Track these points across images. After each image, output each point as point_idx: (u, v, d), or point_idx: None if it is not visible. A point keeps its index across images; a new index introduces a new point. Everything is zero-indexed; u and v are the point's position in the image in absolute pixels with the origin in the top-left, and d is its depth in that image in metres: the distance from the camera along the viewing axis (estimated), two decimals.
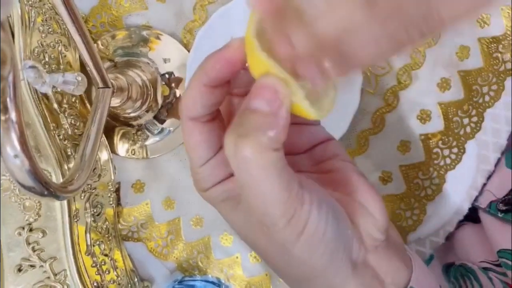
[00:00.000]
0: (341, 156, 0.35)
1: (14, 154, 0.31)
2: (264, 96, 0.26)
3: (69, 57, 0.55)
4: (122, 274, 0.57)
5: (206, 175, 0.32)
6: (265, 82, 0.26)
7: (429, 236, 0.56)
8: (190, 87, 0.30)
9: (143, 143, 0.59)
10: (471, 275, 0.51)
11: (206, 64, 0.30)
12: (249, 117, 0.26)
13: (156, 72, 0.58)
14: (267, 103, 0.26)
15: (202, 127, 0.31)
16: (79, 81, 0.45)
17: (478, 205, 0.54)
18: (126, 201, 0.60)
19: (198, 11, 0.58)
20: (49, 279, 0.52)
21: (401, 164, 0.56)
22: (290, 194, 0.27)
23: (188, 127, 0.31)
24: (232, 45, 0.29)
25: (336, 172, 0.34)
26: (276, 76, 0.26)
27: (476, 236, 0.55)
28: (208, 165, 0.32)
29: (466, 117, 0.54)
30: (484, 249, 0.53)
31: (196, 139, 0.31)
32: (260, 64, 0.27)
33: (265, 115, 0.26)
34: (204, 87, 0.30)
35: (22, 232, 0.51)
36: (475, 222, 0.56)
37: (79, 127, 0.54)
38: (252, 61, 0.28)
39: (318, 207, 0.28)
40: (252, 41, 0.26)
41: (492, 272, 0.51)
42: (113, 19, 0.59)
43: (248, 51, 0.28)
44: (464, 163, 0.55)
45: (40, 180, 0.34)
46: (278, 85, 0.26)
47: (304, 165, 0.36)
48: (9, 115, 0.31)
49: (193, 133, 0.31)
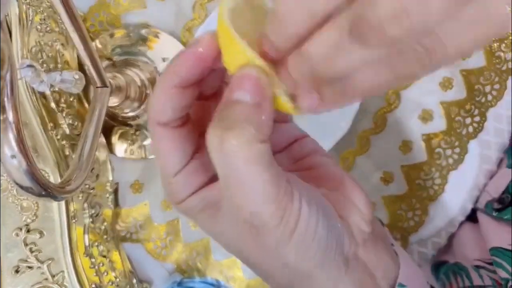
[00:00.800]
0: (319, 151, 0.35)
1: (12, 154, 0.31)
2: (247, 86, 0.25)
3: (67, 56, 0.55)
4: (121, 276, 0.57)
5: (180, 185, 0.30)
6: (247, 72, 0.25)
7: (431, 237, 0.56)
8: (158, 89, 0.28)
9: (142, 143, 0.59)
10: (463, 272, 0.51)
11: (175, 63, 0.28)
12: (232, 109, 0.25)
13: (155, 71, 0.58)
14: (250, 93, 0.25)
15: (173, 132, 0.29)
16: (77, 80, 0.44)
17: (477, 205, 0.54)
18: (125, 202, 0.60)
19: (198, 10, 0.58)
20: (47, 280, 0.51)
21: (402, 164, 0.56)
22: (279, 190, 0.26)
23: (158, 134, 0.29)
24: (203, 39, 0.27)
25: (317, 168, 0.34)
26: (258, 66, 0.25)
27: (473, 235, 0.55)
28: (183, 173, 0.30)
29: (469, 117, 0.54)
30: (480, 249, 0.53)
31: (167, 146, 0.29)
32: (239, 55, 0.25)
33: (249, 106, 0.25)
34: (174, 88, 0.28)
35: (19, 233, 0.51)
36: (473, 221, 0.56)
37: (77, 127, 0.54)
38: (228, 52, 0.26)
39: (308, 203, 0.27)
40: (229, 30, 0.25)
41: (483, 270, 0.51)
42: (111, 17, 0.59)
43: (224, 42, 0.26)
44: (466, 163, 0.55)
45: (38, 180, 0.33)
46: (260, 75, 0.25)
47: (283, 164, 0.34)
48: (7, 114, 0.30)
49: (163, 140, 0.29)
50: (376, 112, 0.56)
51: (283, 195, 0.26)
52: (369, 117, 0.56)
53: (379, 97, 0.55)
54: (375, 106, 0.56)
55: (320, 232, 0.28)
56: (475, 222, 0.56)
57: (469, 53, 0.21)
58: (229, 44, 0.26)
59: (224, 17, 0.25)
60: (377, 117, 0.56)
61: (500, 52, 0.53)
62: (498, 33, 0.20)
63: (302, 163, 0.34)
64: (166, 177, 0.30)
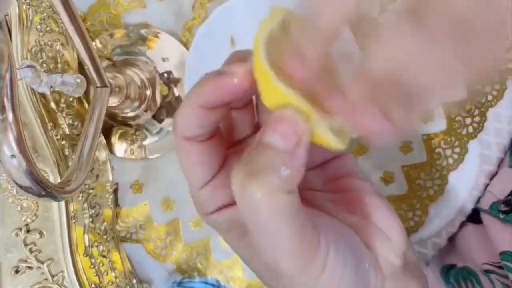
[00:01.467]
0: (357, 174, 0.33)
1: (11, 154, 0.31)
2: (281, 130, 0.23)
3: (67, 56, 0.55)
4: (121, 276, 0.56)
5: (206, 198, 0.29)
6: (283, 115, 0.24)
7: (431, 237, 0.56)
8: (184, 106, 0.27)
9: (142, 143, 0.59)
10: (473, 278, 0.51)
11: (203, 86, 0.27)
12: (260, 153, 0.24)
13: (154, 71, 0.58)
14: (283, 139, 0.23)
15: (199, 146, 0.28)
16: (78, 83, 0.44)
17: (480, 206, 0.54)
18: (124, 202, 0.60)
19: (197, 9, 0.58)
20: (46, 280, 0.51)
21: (403, 164, 0.56)
22: (303, 242, 0.24)
23: (184, 147, 0.28)
24: (237, 73, 0.26)
25: (352, 192, 0.31)
26: (296, 109, 0.23)
27: (478, 237, 0.55)
28: (208, 187, 0.29)
29: (469, 117, 0.54)
30: (487, 251, 0.53)
31: (193, 160, 0.29)
32: (277, 94, 0.24)
33: (280, 153, 0.23)
34: (199, 108, 0.27)
35: (19, 233, 0.51)
36: (476, 222, 0.56)
37: (77, 127, 0.54)
38: (265, 88, 0.25)
39: (336, 250, 0.25)
40: (265, 69, 0.23)
41: (494, 275, 0.50)
42: (111, 17, 0.59)
43: (261, 78, 0.25)
44: (466, 163, 0.55)
45: (38, 180, 0.33)
46: (298, 120, 0.23)
47: (316, 183, 0.33)
48: (6, 114, 0.30)
49: (189, 154, 0.28)
50: None
51: (308, 247, 0.24)
52: None
53: None
54: None
55: (346, 277, 0.26)
56: (478, 223, 0.56)
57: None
58: (265, 82, 0.24)
59: (260, 54, 0.24)
60: None
61: None
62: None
63: (336, 184, 0.32)
64: (192, 190, 0.30)
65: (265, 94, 0.25)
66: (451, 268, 0.54)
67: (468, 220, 0.56)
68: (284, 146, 0.23)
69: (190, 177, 0.29)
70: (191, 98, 0.27)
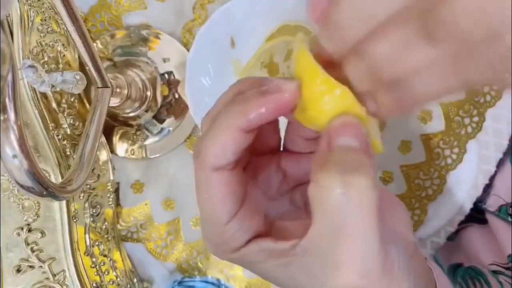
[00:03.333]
0: None
1: (13, 154, 0.31)
2: (352, 133, 0.24)
3: (68, 56, 0.55)
4: (122, 275, 0.57)
5: (235, 231, 0.27)
6: (349, 120, 0.24)
7: (430, 236, 0.56)
8: (220, 131, 0.26)
9: (143, 143, 0.59)
10: (481, 278, 0.51)
11: (248, 105, 0.25)
12: (346, 154, 0.24)
13: (155, 72, 0.58)
14: (356, 140, 0.24)
15: (228, 176, 0.27)
16: (78, 80, 0.44)
17: (487, 208, 0.54)
18: (125, 202, 0.60)
19: (198, 10, 0.58)
20: (48, 279, 0.51)
21: (402, 164, 0.56)
22: (381, 239, 0.25)
23: (212, 180, 0.26)
24: (288, 89, 0.25)
25: None
26: (354, 114, 0.24)
27: (484, 238, 0.55)
28: (236, 219, 0.27)
29: (467, 117, 0.54)
30: (493, 252, 0.53)
31: (221, 192, 0.27)
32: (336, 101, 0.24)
33: (362, 152, 0.24)
34: (239, 132, 0.26)
35: (21, 233, 0.51)
36: (481, 223, 0.56)
37: (78, 127, 0.54)
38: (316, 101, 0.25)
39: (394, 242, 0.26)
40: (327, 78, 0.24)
41: (502, 276, 0.50)
42: (112, 18, 0.59)
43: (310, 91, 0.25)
44: (465, 163, 0.55)
45: (39, 180, 0.33)
46: (360, 124, 0.24)
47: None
48: (8, 115, 0.30)
49: (218, 186, 0.27)
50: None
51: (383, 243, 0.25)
52: None
53: None
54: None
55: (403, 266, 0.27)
56: (482, 223, 0.56)
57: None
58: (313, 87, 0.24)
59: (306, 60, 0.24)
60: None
61: None
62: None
63: None
64: (216, 226, 0.28)
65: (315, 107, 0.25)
66: (458, 267, 0.54)
67: (472, 220, 0.56)
68: (361, 147, 0.24)
69: (216, 211, 0.27)
70: (230, 121, 0.26)
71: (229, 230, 0.27)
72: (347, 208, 0.23)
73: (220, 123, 0.26)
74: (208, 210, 0.28)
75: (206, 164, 0.26)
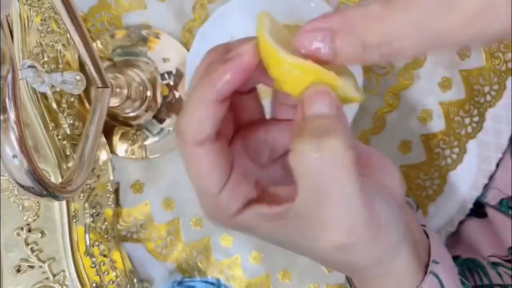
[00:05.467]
0: None
1: (13, 154, 0.31)
2: (325, 101, 0.25)
3: (68, 56, 0.55)
4: (121, 275, 0.57)
5: (227, 200, 0.29)
6: (320, 88, 0.26)
7: None
8: (194, 107, 0.27)
9: (142, 143, 0.59)
10: (480, 270, 0.51)
11: (213, 76, 0.27)
12: (320, 121, 0.25)
13: (155, 72, 0.58)
14: (331, 107, 0.25)
15: (213, 148, 0.28)
16: (78, 80, 0.44)
17: (487, 202, 0.54)
18: (125, 202, 0.60)
19: (198, 10, 0.58)
20: (48, 279, 0.51)
21: (402, 164, 0.56)
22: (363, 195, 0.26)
23: (197, 154, 0.28)
24: (246, 51, 0.27)
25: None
26: (321, 80, 0.26)
27: (483, 231, 0.55)
28: (227, 188, 0.29)
29: (468, 117, 0.54)
30: (492, 244, 0.53)
31: (209, 165, 0.28)
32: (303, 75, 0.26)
33: (335, 117, 0.25)
34: (213, 103, 0.27)
35: (20, 233, 0.51)
36: (480, 217, 0.56)
37: (78, 127, 0.54)
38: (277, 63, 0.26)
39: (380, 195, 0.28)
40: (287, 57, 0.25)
41: (501, 268, 0.51)
42: (112, 18, 0.59)
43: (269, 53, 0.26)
44: (465, 163, 0.55)
45: (39, 180, 0.33)
46: (328, 91, 0.26)
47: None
48: (8, 115, 0.30)
49: (203, 160, 0.28)
50: (375, 112, 0.56)
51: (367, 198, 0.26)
52: (368, 117, 0.56)
53: (379, 97, 0.55)
54: (374, 106, 0.56)
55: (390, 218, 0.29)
56: (481, 217, 0.56)
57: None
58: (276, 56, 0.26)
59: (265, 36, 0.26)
60: (376, 117, 0.56)
61: (499, 52, 0.53)
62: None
63: None
64: (210, 197, 0.29)
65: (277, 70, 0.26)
66: (455, 259, 0.54)
67: (472, 214, 0.56)
68: (332, 112, 0.25)
69: (206, 184, 0.29)
70: (200, 95, 0.27)
71: (221, 200, 0.29)
72: (324, 171, 0.25)
73: (193, 98, 0.27)
74: (199, 184, 0.29)
75: (188, 140, 0.28)
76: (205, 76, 0.27)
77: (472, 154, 0.55)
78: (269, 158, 0.33)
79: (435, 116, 0.55)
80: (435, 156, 0.55)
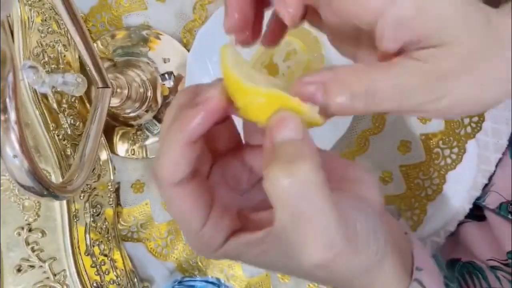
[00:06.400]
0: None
1: (14, 154, 0.31)
2: (291, 126, 0.26)
3: (69, 57, 0.55)
4: (122, 275, 0.57)
5: (211, 234, 0.29)
6: (285, 114, 0.26)
7: (430, 236, 0.56)
8: (167, 149, 0.28)
9: (143, 143, 0.59)
10: (479, 273, 0.51)
11: (185, 121, 0.28)
12: (287, 147, 0.26)
13: (155, 72, 0.58)
14: (297, 131, 0.26)
15: (191, 187, 0.29)
16: (79, 82, 0.45)
17: (486, 205, 0.54)
18: (126, 201, 0.60)
19: (198, 11, 0.58)
20: (48, 279, 0.52)
21: (401, 164, 0.56)
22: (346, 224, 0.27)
23: (175, 195, 0.28)
24: (213, 96, 0.28)
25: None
26: (287, 107, 0.27)
27: (482, 234, 0.55)
28: (210, 223, 0.29)
29: (467, 117, 0.54)
30: (491, 248, 0.53)
31: (188, 204, 0.29)
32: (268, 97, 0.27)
33: (301, 142, 0.26)
34: (185, 145, 0.27)
35: (21, 232, 0.51)
36: (478, 220, 0.56)
37: (79, 127, 0.54)
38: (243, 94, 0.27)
39: (356, 207, 0.29)
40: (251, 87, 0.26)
41: (500, 272, 0.51)
42: (112, 18, 0.59)
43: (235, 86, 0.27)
44: (464, 163, 0.55)
45: (40, 180, 0.34)
46: (292, 115, 0.26)
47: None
48: (9, 115, 0.31)
49: (182, 199, 0.29)
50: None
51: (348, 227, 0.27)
52: (368, 117, 0.56)
53: None
54: None
55: (369, 229, 0.29)
56: (480, 220, 0.56)
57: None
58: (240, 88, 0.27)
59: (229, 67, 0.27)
60: (376, 117, 0.56)
61: None
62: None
63: None
64: (192, 233, 0.30)
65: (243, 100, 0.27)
66: (456, 263, 0.55)
67: (471, 217, 0.56)
68: (299, 137, 0.26)
69: (188, 222, 0.29)
70: (174, 137, 0.28)
71: (204, 235, 0.29)
72: (298, 193, 0.25)
73: (167, 141, 0.28)
74: (181, 222, 0.30)
75: (165, 182, 0.28)
76: (177, 120, 0.28)
77: (471, 154, 0.55)
78: (249, 183, 0.34)
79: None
80: (435, 156, 0.55)
